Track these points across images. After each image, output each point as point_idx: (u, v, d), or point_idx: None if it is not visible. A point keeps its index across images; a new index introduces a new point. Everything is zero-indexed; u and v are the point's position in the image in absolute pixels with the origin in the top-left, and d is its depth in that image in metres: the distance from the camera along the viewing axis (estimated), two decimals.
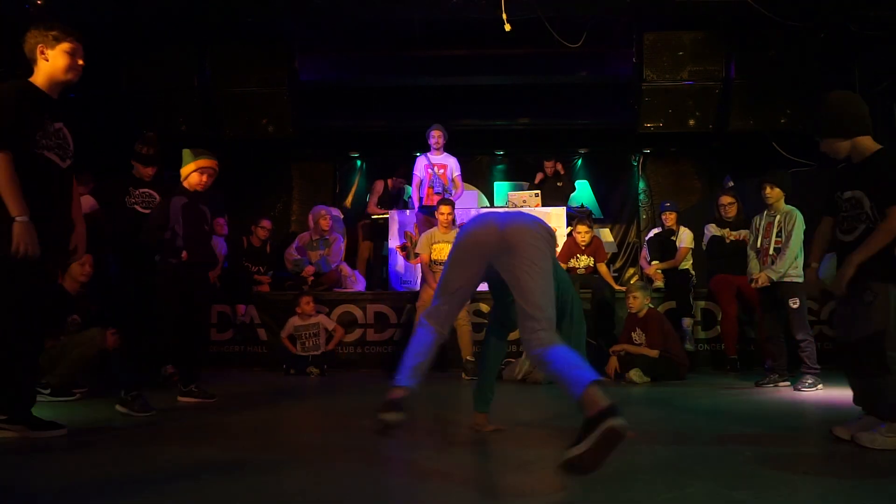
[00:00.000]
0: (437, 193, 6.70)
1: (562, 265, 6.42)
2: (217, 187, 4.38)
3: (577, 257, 6.36)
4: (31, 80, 3.03)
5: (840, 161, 3.03)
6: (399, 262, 7.46)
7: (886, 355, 2.71)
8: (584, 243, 6.31)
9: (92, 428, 3.28)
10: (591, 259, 6.35)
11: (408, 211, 7.81)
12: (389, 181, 8.34)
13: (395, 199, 8.34)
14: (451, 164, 6.97)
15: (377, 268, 8.10)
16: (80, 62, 3.08)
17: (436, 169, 6.88)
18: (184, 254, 4.12)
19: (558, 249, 5.92)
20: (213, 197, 8.05)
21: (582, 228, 6.30)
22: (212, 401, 4.20)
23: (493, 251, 2.62)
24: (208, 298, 4.62)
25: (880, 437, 2.70)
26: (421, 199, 6.96)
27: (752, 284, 4.94)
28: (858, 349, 2.82)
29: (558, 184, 8.51)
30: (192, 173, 4.20)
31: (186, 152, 4.26)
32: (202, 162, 4.20)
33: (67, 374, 4.29)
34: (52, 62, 3.02)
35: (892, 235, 2.73)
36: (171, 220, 4.10)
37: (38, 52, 3.01)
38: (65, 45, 3.01)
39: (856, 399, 3.00)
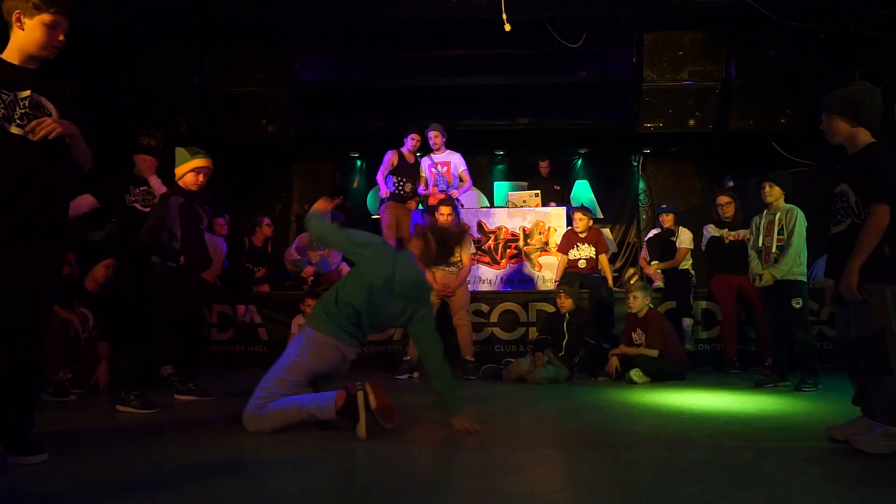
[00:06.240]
0: (442, 192, 6.67)
1: (563, 256, 6.41)
2: (217, 187, 4.38)
3: (578, 246, 6.32)
4: (5, 51, 2.57)
5: (836, 153, 3.02)
6: None
7: (888, 354, 2.69)
8: (580, 230, 6.28)
9: (90, 428, 3.28)
10: (593, 249, 6.31)
11: None
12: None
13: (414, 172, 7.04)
14: (455, 161, 6.95)
15: None
16: (61, 38, 2.58)
17: (439, 167, 6.88)
18: (182, 258, 4.04)
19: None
20: (213, 197, 8.11)
21: (578, 215, 6.30)
22: (209, 399, 4.25)
23: None
24: (203, 300, 4.60)
25: (877, 442, 2.67)
26: (426, 198, 6.93)
27: (756, 284, 4.93)
28: (859, 348, 2.80)
29: (556, 187, 8.44)
30: (189, 173, 4.12)
31: (181, 151, 4.16)
32: (198, 162, 4.12)
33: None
34: (27, 33, 2.54)
35: (880, 233, 2.71)
36: (170, 221, 4.01)
37: (13, 17, 2.53)
38: (45, 17, 2.52)
39: (855, 399, 3.00)
